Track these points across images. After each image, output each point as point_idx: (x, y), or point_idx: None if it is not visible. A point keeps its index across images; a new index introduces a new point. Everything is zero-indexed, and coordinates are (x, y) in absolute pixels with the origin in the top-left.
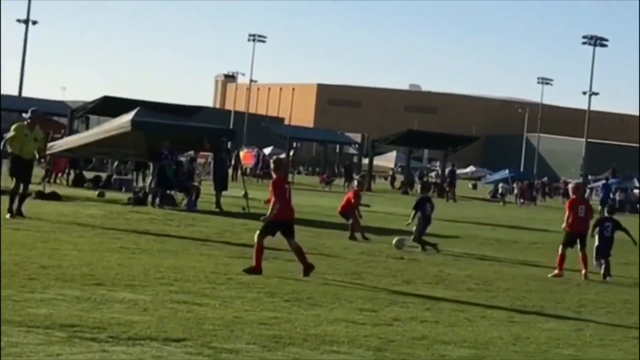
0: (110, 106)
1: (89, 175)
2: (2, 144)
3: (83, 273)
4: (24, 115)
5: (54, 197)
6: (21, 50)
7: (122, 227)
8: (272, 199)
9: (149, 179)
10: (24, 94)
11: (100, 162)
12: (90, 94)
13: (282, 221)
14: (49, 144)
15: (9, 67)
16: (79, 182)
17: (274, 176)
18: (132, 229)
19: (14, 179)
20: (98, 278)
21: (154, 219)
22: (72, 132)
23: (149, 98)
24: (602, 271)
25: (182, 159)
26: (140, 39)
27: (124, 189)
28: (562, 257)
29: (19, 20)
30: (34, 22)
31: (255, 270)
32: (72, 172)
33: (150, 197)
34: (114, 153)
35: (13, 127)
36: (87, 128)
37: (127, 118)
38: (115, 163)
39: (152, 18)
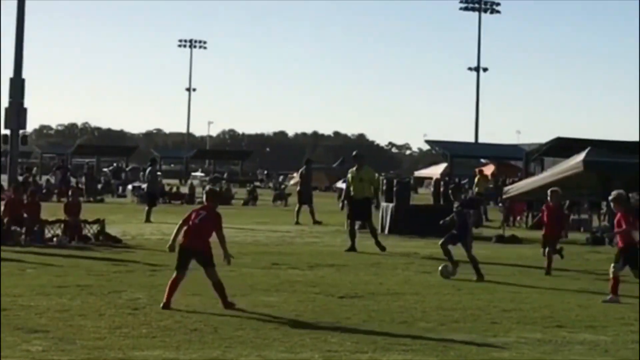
0: (563, 147)
1: None
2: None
3: (543, 315)
4: (482, 160)
5: (513, 240)
6: (474, 97)
7: (581, 268)
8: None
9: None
10: (480, 139)
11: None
12: (544, 136)
13: (187, 248)
14: (505, 188)
15: (464, 116)
16: (537, 224)
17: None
18: (590, 269)
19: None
20: (558, 320)
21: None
22: (527, 174)
23: (602, 137)
24: None
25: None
26: (583, 81)
27: (582, 229)
28: None
29: (470, 69)
30: (485, 69)
31: (166, 306)
32: (529, 214)
33: (606, 237)
34: (568, 194)
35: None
36: (542, 170)
37: (579, 158)
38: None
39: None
